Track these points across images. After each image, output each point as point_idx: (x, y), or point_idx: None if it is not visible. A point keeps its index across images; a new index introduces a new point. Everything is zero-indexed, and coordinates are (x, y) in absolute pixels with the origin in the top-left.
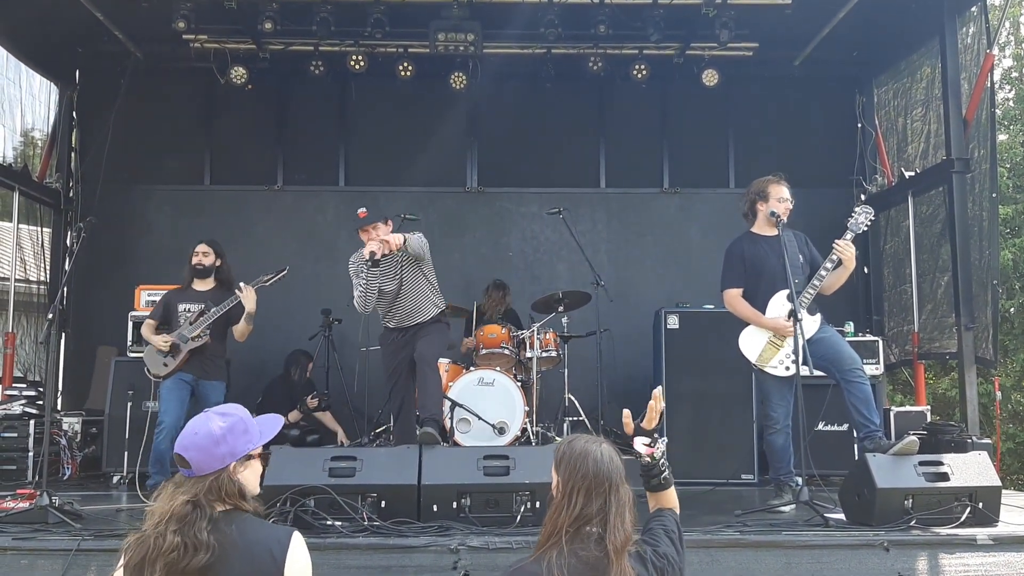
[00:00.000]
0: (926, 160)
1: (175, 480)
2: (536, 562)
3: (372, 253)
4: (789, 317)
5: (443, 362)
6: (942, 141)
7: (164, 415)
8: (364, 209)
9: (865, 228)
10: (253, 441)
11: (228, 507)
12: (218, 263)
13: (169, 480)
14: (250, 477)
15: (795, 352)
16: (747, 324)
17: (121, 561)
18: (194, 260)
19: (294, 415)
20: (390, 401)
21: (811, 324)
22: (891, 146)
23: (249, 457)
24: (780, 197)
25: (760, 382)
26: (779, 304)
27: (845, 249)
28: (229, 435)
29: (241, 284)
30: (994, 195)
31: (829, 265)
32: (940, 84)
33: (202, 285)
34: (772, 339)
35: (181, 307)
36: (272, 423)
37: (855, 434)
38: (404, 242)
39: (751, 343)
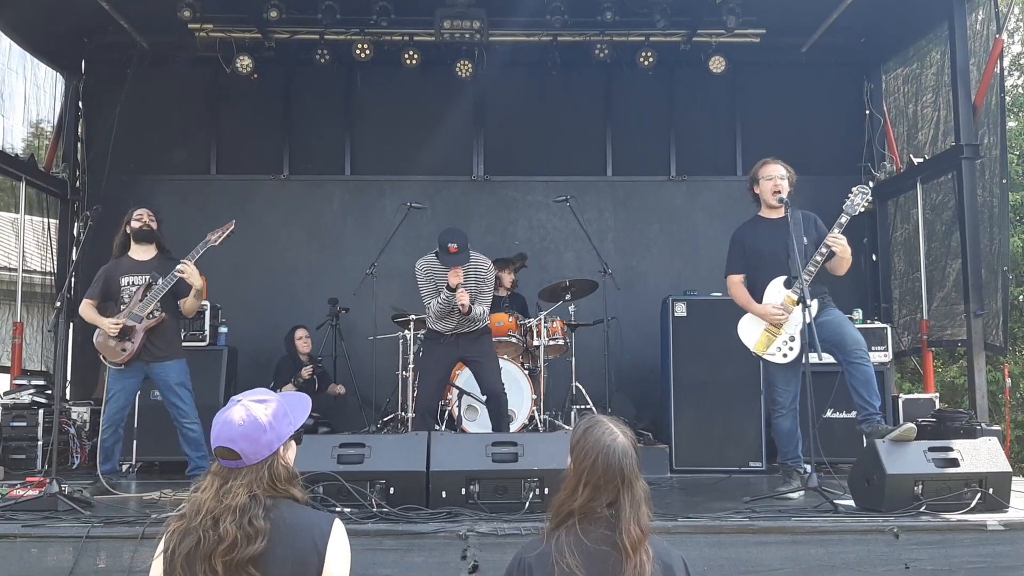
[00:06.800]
0: (936, 146)
1: (217, 472)
2: (547, 543)
3: (458, 286)
4: (782, 304)
5: None
6: (951, 127)
7: (110, 404)
8: (456, 246)
9: (862, 210)
10: (293, 423)
11: (279, 494)
12: (158, 229)
13: (209, 472)
14: (291, 458)
15: (801, 336)
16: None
17: (160, 547)
18: (137, 225)
19: (288, 389)
20: (420, 394)
21: (797, 313)
22: (900, 132)
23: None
24: (767, 176)
25: (765, 368)
26: (775, 290)
27: (837, 241)
28: (275, 421)
29: (183, 261)
30: (1004, 181)
31: (819, 257)
32: (949, 70)
33: (142, 253)
34: (768, 326)
35: (124, 280)
36: (299, 400)
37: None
38: (468, 312)
39: (748, 331)
